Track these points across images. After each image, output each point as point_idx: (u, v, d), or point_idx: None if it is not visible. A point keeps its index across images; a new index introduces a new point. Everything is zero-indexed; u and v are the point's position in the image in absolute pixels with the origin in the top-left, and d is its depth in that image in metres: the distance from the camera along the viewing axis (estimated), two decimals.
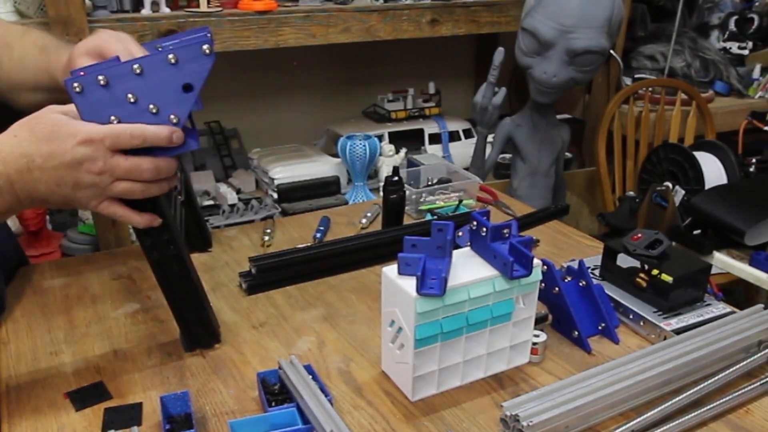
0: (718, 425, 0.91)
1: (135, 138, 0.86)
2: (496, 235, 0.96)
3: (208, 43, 0.86)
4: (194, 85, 0.87)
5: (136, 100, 0.86)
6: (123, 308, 1.18)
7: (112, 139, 0.85)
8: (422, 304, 0.88)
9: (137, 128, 0.86)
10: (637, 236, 1.16)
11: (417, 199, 1.60)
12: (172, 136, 0.87)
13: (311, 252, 1.28)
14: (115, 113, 0.86)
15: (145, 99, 0.86)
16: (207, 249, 1.37)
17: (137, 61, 0.85)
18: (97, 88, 0.85)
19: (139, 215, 0.91)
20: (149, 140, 0.86)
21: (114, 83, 0.85)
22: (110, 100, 0.86)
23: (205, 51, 0.86)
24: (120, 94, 0.85)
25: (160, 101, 0.87)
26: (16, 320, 1.14)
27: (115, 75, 0.85)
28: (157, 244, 0.96)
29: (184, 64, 0.86)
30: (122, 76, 0.85)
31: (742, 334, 1.01)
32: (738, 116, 2.71)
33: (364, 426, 0.91)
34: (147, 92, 0.86)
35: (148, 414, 0.92)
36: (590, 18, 2.08)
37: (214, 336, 1.07)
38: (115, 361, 1.04)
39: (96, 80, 0.84)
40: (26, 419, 0.91)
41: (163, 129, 0.87)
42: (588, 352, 1.06)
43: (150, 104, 0.87)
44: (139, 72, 0.85)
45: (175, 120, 0.88)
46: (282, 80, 2.69)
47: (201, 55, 0.86)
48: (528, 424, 0.83)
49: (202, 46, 0.85)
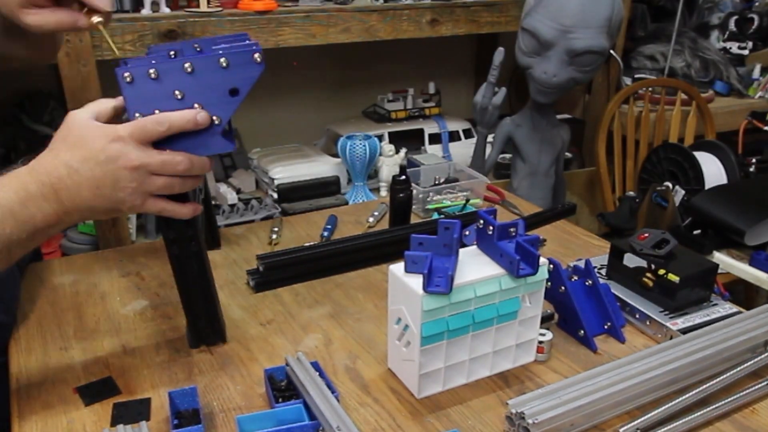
0: (724, 424, 0.92)
1: (161, 124, 0.86)
2: (502, 233, 0.96)
3: (259, 52, 0.88)
4: (241, 90, 0.89)
5: (183, 97, 0.87)
6: (132, 305, 1.19)
7: (139, 130, 0.86)
8: (429, 301, 0.89)
9: (161, 115, 0.87)
10: (643, 236, 1.16)
11: (424, 198, 1.61)
12: (197, 117, 0.87)
13: (318, 250, 1.28)
14: (161, 107, 0.87)
15: (191, 97, 0.88)
16: (216, 247, 1.38)
17: (190, 60, 0.86)
18: (147, 81, 0.86)
19: (184, 206, 0.93)
20: (175, 125, 0.87)
21: (164, 78, 0.86)
22: (158, 94, 0.87)
23: (257, 59, 0.88)
24: (168, 90, 0.87)
25: (205, 101, 0.88)
26: (26, 316, 1.15)
27: (166, 70, 0.86)
28: (180, 239, 0.97)
29: (234, 69, 0.88)
30: (173, 72, 0.86)
31: (748, 334, 1.01)
32: (738, 116, 2.72)
33: (370, 423, 0.91)
34: (195, 91, 0.88)
35: (156, 409, 0.93)
36: (590, 18, 2.09)
37: (221, 335, 1.08)
38: (124, 357, 1.04)
39: (147, 73, 0.85)
40: (36, 414, 0.92)
41: (187, 112, 0.87)
42: (594, 351, 1.07)
43: (196, 103, 0.88)
44: (191, 71, 0.86)
45: (217, 121, 0.89)
46: (282, 80, 2.69)
47: (252, 62, 0.88)
48: (533, 422, 0.83)
49: (254, 54, 0.88)
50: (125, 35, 1.83)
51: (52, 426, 0.90)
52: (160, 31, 1.87)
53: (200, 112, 0.88)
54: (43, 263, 1.33)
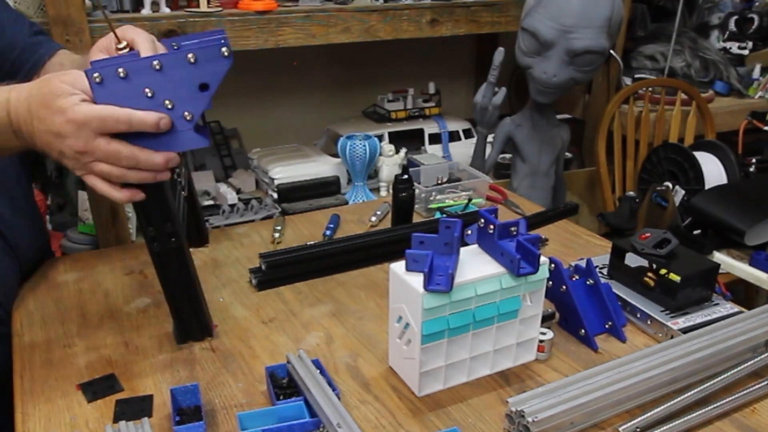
0: (724, 424, 0.92)
1: (121, 123, 0.87)
2: (503, 232, 0.97)
3: (227, 46, 0.88)
4: (210, 85, 0.89)
5: (153, 95, 0.88)
6: (135, 302, 1.19)
7: (98, 122, 0.87)
8: (429, 300, 0.89)
9: (124, 113, 0.87)
10: (645, 235, 1.16)
11: (426, 197, 1.61)
12: (159, 122, 0.89)
13: (320, 249, 1.29)
14: (132, 106, 0.88)
15: (161, 94, 0.88)
16: (203, 245, 1.38)
17: (157, 57, 0.87)
18: (116, 80, 0.87)
19: (119, 191, 0.93)
20: (135, 125, 0.88)
21: (133, 77, 0.87)
22: (128, 93, 0.87)
23: (224, 53, 0.88)
24: (138, 88, 0.87)
25: (176, 98, 0.89)
26: (30, 313, 1.16)
27: (134, 69, 0.87)
28: (160, 236, 0.98)
29: (203, 64, 0.88)
30: (142, 71, 0.87)
31: (749, 334, 1.01)
32: (738, 116, 2.71)
33: (371, 420, 0.92)
34: (164, 88, 0.88)
35: (158, 406, 0.94)
36: (590, 18, 2.09)
37: (207, 330, 1.09)
38: (126, 354, 1.05)
39: (116, 72, 0.86)
40: (40, 409, 0.93)
41: (151, 115, 0.88)
42: (595, 350, 1.07)
43: (166, 100, 0.88)
44: (159, 68, 0.87)
45: (189, 117, 0.90)
46: (282, 80, 2.69)
47: (220, 57, 0.88)
48: (533, 420, 0.83)
49: (222, 48, 0.88)
50: None
51: (55, 422, 0.91)
52: (160, 31, 1.86)
53: (164, 118, 0.89)
54: (47, 261, 1.34)
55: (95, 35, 1.76)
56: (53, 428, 0.90)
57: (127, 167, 0.90)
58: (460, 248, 0.97)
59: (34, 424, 0.90)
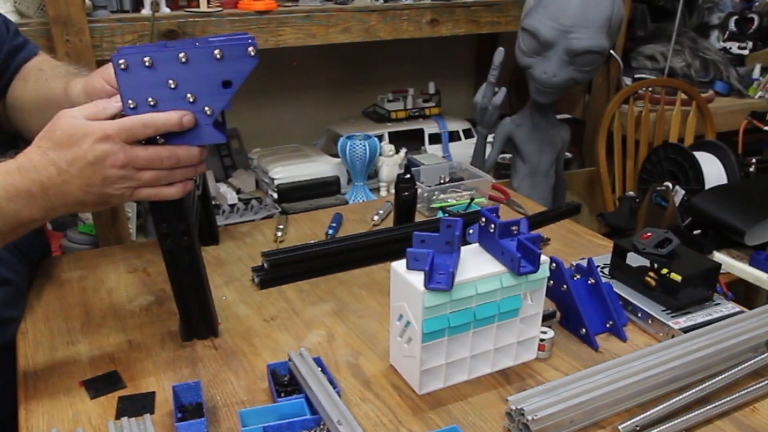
0: (724, 423, 0.92)
1: (148, 127, 0.88)
2: (504, 231, 0.97)
3: (254, 46, 0.89)
4: (234, 83, 0.90)
5: (176, 87, 0.88)
6: (138, 300, 1.20)
7: (126, 131, 0.87)
8: (430, 298, 0.89)
9: (147, 116, 0.88)
10: (646, 235, 1.16)
11: (429, 197, 1.61)
12: (182, 119, 0.89)
13: (322, 248, 1.29)
14: (154, 95, 0.88)
15: (184, 87, 0.89)
16: (214, 243, 1.39)
17: (184, 50, 0.87)
18: (141, 69, 0.87)
19: (171, 186, 0.93)
20: (161, 127, 0.89)
21: (158, 66, 0.87)
22: (152, 82, 0.88)
23: (251, 53, 0.89)
24: (162, 78, 0.88)
25: (198, 92, 0.89)
26: (34, 311, 1.17)
27: (160, 59, 0.87)
28: (173, 233, 0.98)
29: (228, 61, 0.88)
30: (167, 62, 0.87)
31: (750, 334, 1.01)
32: (738, 116, 2.71)
33: (372, 418, 0.92)
34: (188, 81, 0.89)
35: (160, 403, 0.94)
36: (590, 18, 2.09)
37: (213, 330, 1.09)
38: (129, 351, 1.05)
39: (142, 61, 0.86)
40: (43, 406, 0.93)
41: (173, 114, 0.89)
42: (595, 349, 1.07)
43: (188, 93, 0.89)
44: (185, 60, 0.87)
45: (209, 112, 0.91)
46: (282, 80, 2.69)
47: (246, 56, 0.89)
48: (533, 418, 0.83)
49: (248, 47, 0.89)
50: (125, 35, 1.83)
51: (58, 418, 0.91)
52: (160, 31, 1.87)
53: (186, 114, 0.89)
54: (51, 259, 1.35)
55: (95, 35, 1.77)
56: (56, 424, 0.90)
57: (170, 167, 0.91)
58: (461, 247, 0.97)
59: (37, 420, 0.91)
